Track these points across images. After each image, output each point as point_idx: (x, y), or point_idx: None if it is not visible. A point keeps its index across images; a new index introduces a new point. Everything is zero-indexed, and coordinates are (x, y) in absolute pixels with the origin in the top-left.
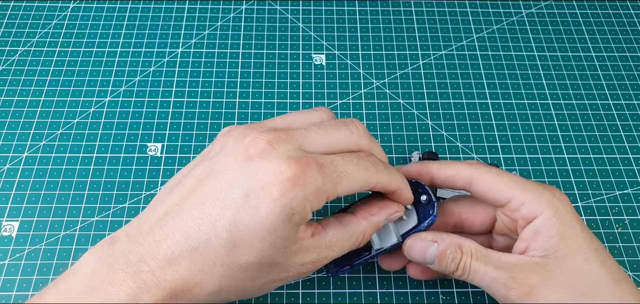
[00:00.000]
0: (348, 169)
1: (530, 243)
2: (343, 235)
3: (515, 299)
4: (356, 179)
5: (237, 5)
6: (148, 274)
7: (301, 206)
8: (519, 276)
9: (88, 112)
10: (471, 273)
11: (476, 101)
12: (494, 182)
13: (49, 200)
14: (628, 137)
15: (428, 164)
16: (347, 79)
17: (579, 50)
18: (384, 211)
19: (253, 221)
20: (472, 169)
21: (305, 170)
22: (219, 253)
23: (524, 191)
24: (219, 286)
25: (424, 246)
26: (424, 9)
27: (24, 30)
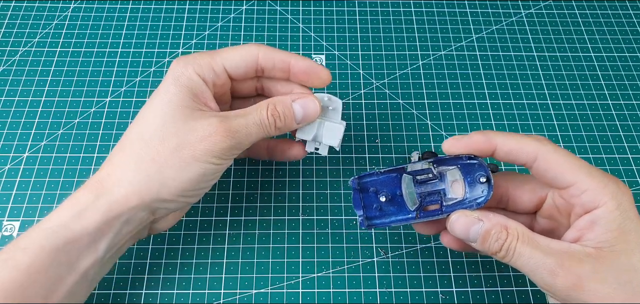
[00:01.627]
0: (230, 47)
1: (584, 233)
2: (246, 109)
3: (560, 287)
4: (237, 48)
5: (237, 6)
6: (89, 177)
7: (183, 67)
8: (568, 263)
9: (89, 112)
10: (515, 255)
11: (475, 101)
12: (560, 163)
13: (49, 200)
14: (627, 137)
15: (493, 134)
16: (347, 79)
17: (578, 51)
18: (289, 96)
19: (153, 98)
20: (539, 146)
21: (187, 55)
22: (134, 130)
23: (590, 178)
24: (137, 156)
25: (468, 223)
26: (423, 9)
27: (25, 31)
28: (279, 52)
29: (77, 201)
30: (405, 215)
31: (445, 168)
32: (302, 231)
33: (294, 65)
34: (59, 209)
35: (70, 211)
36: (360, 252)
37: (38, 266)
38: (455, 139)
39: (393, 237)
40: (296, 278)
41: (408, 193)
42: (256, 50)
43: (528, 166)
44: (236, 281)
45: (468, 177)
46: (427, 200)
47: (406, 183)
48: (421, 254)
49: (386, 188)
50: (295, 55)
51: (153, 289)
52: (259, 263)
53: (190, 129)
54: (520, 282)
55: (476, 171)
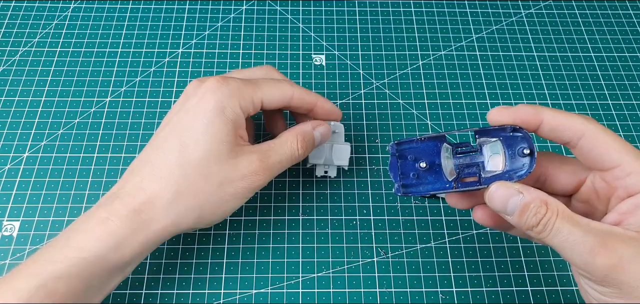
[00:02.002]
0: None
1: (626, 217)
2: (278, 142)
3: (600, 266)
4: (276, 86)
5: (237, 6)
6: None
7: (229, 99)
8: (610, 242)
9: (89, 112)
10: (553, 231)
11: (475, 101)
12: (607, 143)
13: (49, 200)
14: (628, 137)
15: (540, 108)
16: (347, 79)
17: (578, 51)
18: (309, 124)
19: (194, 119)
20: (587, 123)
21: (227, 78)
22: (172, 157)
23: (636, 161)
24: (177, 190)
25: (507, 195)
26: (423, 9)
27: (25, 31)
28: (309, 95)
29: (114, 234)
30: (442, 184)
31: (486, 139)
32: (302, 231)
33: (319, 107)
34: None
35: (108, 242)
36: (360, 252)
37: (73, 294)
38: (501, 109)
39: (393, 237)
40: (296, 278)
41: (447, 163)
42: (291, 92)
43: (572, 143)
44: (236, 281)
45: (509, 150)
46: (465, 172)
47: (445, 152)
48: (421, 254)
49: (425, 156)
50: (321, 99)
51: (153, 289)
52: (259, 263)
53: (233, 167)
54: (520, 282)
55: (519, 143)
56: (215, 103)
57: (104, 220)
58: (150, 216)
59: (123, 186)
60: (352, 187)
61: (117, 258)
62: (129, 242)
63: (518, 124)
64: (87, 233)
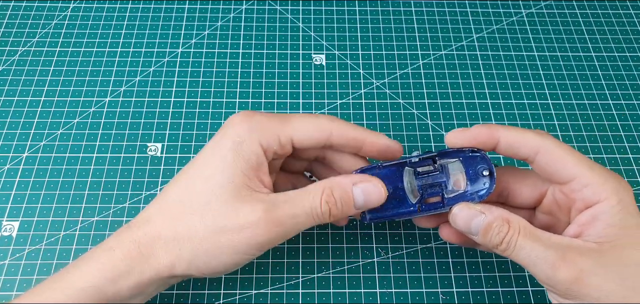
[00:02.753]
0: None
1: (585, 229)
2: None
3: (562, 280)
4: (309, 121)
5: (237, 6)
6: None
7: (247, 134)
8: (570, 256)
9: (88, 112)
10: (516, 248)
11: (476, 101)
12: (562, 157)
13: (49, 200)
14: (628, 137)
15: (495, 127)
16: (347, 79)
17: (578, 50)
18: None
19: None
20: (541, 139)
21: (254, 112)
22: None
23: (591, 173)
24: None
25: (470, 216)
26: (424, 9)
27: (24, 31)
28: (353, 130)
29: (113, 266)
30: (406, 208)
31: (447, 161)
32: (301, 231)
33: (370, 144)
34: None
35: (106, 274)
36: (360, 252)
37: None
38: (458, 131)
39: (393, 237)
40: (296, 279)
41: (409, 186)
42: (329, 127)
43: (529, 159)
44: (236, 281)
45: (470, 170)
46: (428, 192)
47: (408, 176)
48: (421, 255)
49: (387, 181)
50: (370, 133)
51: None
52: (259, 263)
53: (232, 213)
54: (521, 282)
55: (478, 163)
56: (231, 136)
57: (109, 249)
58: (149, 252)
59: (140, 215)
60: None
61: (113, 291)
62: (127, 275)
63: (475, 146)
64: (92, 261)
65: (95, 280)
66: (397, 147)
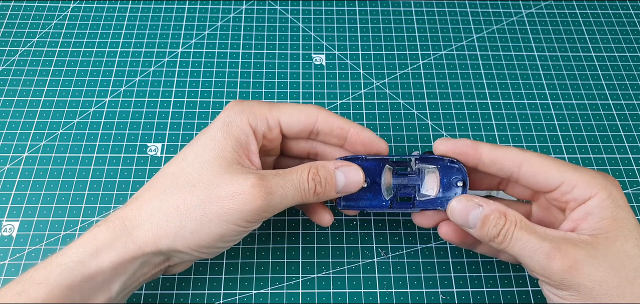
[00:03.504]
0: (289, 103)
1: (579, 224)
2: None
3: (556, 270)
4: (296, 107)
5: (237, 6)
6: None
7: (237, 114)
8: (564, 247)
9: (88, 112)
10: (512, 240)
11: (476, 101)
12: (546, 166)
13: (49, 200)
14: (628, 137)
15: (479, 145)
16: (347, 79)
17: (578, 50)
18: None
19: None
20: (523, 153)
21: (244, 101)
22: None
23: (577, 174)
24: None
25: (468, 208)
26: (424, 9)
27: (24, 31)
28: (338, 119)
29: (95, 238)
30: (379, 203)
31: (425, 166)
32: (302, 231)
33: (353, 134)
34: (77, 242)
35: (88, 247)
36: (360, 252)
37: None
38: (444, 140)
39: (393, 237)
40: (296, 279)
41: (385, 183)
42: (316, 113)
43: (514, 175)
44: (236, 281)
45: (445, 179)
46: (401, 192)
47: (386, 174)
48: (421, 255)
49: (367, 174)
50: (355, 125)
51: (153, 290)
52: (259, 263)
53: (223, 182)
54: (520, 282)
55: (455, 174)
56: (222, 118)
57: (95, 226)
58: (133, 224)
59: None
60: None
61: (96, 266)
62: (108, 248)
63: (457, 157)
64: (77, 238)
65: (77, 254)
66: (382, 144)
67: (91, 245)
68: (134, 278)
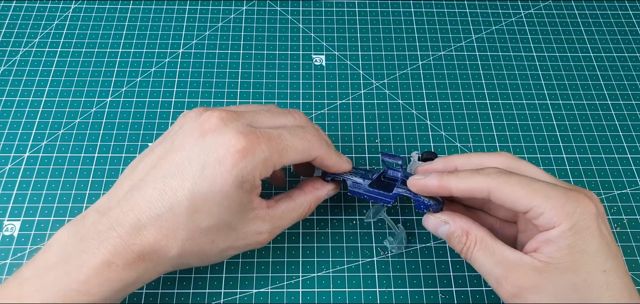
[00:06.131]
0: (293, 142)
1: (540, 246)
2: (293, 206)
3: (504, 295)
4: (300, 150)
5: (237, 6)
6: (117, 239)
7: (251, 174)
8: (512, 276)
9: (89, 112)
10: (472, 259)
11: (475, 101)
12: (514, 192)
13: (50, 200)
14: (626, 137)
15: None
16: (346, 79)
17: (577, 51)
18: (325, 187)
19: (210, 189)
20: (489, 180)
21: (254, 143)
22: (181, 219)
23: (546, 200)
24: (182, 249)
25: (436, 224)
26: (423, 9)
27: (25, 31)
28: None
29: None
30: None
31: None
32: (302, 231)
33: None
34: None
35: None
36: (360, 252)
37: None
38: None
39: (394, 232)
40: (296, 278)
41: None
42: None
43: (485, 201)
44: (236, 280)
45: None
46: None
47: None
48: (421, 254)
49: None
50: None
51: (153, 289)
52: (259, 263)
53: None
54: None
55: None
56: (235, 176)
57: (108, 264)
58: (153, 265)
59: (119, 216)
60: None
61: (120, 298)
62: (133, 286)
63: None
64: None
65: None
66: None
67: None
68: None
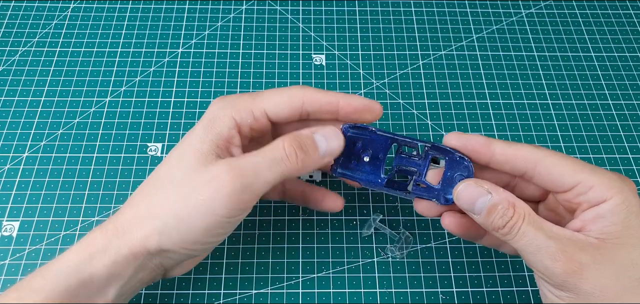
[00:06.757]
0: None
1: (587, 224)
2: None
3: (560, 272)
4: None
5: (237, 6)
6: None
7: (220, 110)
8: (570, 250)
9: (88, 112)
10: (518, 234)
11: (476, 101)
12: (563, 166)
13: (49, 200)
14: (627, 137)
15: (492, 142)
16: (347, 79)
17: (578, 51)
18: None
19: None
20: (538, 151)
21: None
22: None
23: (594, 175)
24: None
25: (476, 194)
26: (423, 9)
27: (24, 31)
28: (325, 94)
29: (90, 243)
30: (375, 178)
31: (434, 154)
32: (302, 231)
33: (344, 105)
34: (73, 249)
35: (83, 252)
36: (360, 252)
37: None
38: (456, 134)
39: (394, 237)
40: (296, 278)
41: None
42: (301, 94)
43: (528, 173)
44: (236, 281)
45: (449, 172)
46: (400, 173)
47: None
48: (421, 255)
49: (373, 147)
50: (344, 95)
51: (153, 290)
52: (259, 263)
53: (199, 174)
54: (520, 282)
55: (461, 170)
56: (207, 116)
57: (90, 232)
58: (124, 227)
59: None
60: (352, 187)
61: (91, 271)
62: (102, 253)
63: (468, 154)
64: (73, 245)
65: (72, 260)
66: (374, 105)
67: (86, 251)
68: (131, 284)
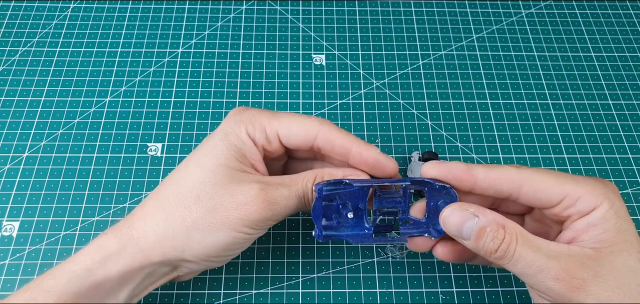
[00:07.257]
0: (291, 113)
1: (580, 234)
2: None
3: (563, 292)
4: (297, 119)
5: (237, 6)
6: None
7: (236, 125)
8: (570, 267)
9: (88, 112)
10: (515, 258)
11: (476, 101)
12: (545, 183)
13: (49, 200)
14: (627, 137)
15: (474, 168)
16: (347, 79)
17: (578, 51)
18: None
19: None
20: (520, 172)
21: (248, 108)
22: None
23: (579, 185)
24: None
25: (463, 218)
26: (424, 9)
27: (24, 31)
28: (339, 136)
29: (103, 246)
30: (361, 230)
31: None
32: (302, 231)
33: (355, 155)
34: (85, 250)
35: (96, 255)
36: (360, 252)
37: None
38: (433, 164)
39: None
40: (296, 278)
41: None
42: (316, 128)
43: (513, 196)
44: (236, 281)
45: (432, 202)
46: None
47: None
48: (421, 255)
49: (351, 199)
50: (358, 143)
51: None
52: (259, 263)
53: (228, 193)
54: (520, 282)
55: (443, 197)
56: (223, 128)
57: (103, 234)
58: (139, 234)
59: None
60: None
61: (103, 274)
62: (116, 257)
63: (450, 182)
64: (85, 246)
65: (85, 262)
66: (390, 163)
67: (99, 253)
68: (141, 287)
